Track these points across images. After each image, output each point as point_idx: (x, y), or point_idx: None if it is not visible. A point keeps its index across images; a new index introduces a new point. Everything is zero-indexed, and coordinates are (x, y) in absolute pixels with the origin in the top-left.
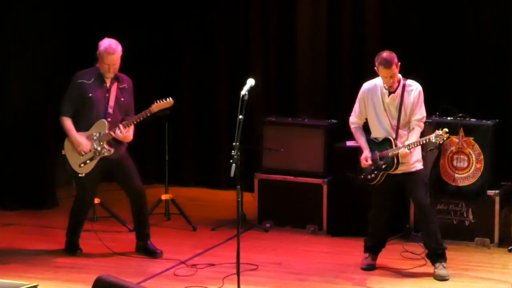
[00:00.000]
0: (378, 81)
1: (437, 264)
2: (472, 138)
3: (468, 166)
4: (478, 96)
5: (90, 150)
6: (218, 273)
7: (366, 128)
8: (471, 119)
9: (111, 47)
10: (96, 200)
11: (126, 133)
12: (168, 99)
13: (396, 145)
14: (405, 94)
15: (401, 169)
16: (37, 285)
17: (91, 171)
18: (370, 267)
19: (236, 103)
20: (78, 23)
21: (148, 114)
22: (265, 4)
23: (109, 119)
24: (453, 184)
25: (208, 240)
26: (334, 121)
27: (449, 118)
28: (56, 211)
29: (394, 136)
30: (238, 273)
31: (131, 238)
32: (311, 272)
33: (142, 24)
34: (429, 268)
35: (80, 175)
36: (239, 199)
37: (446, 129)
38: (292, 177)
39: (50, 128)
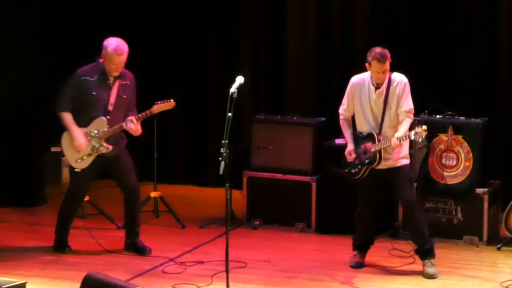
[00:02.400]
0: (366, 76)
1: (426, 261)
2: (461, 136)
3: (457, 164)
4: (467, 94)
5: (88, 147)
6: (206, 270)
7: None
8: (460, 117)
9: (119, 48)
10: (85, 198)
11: (137, 130)
12: (169, 100)
13: (379, 140)
14: (391, 87)
15: (386, 164)
16: (26, 282)
17: (87, 167)
18: (358, 265)
19: (225, 100)
20: (66, 20)
21: (149, 115)
22: (254, 1)
23: (108, 117)
24: (442, 182)
25: (196, 238)
26: (323, 119)
27: (438, 116)
28: (45, 208)
29: (377, 131)
30: (227, 271)
31: (119, 235)
32: (300, 270)
33: (129, 22)
34: (418, 266)
35: (76, 170)
36: (228, 197)
37: (425, 127)
38: (281, 175)
39: (39, 125)
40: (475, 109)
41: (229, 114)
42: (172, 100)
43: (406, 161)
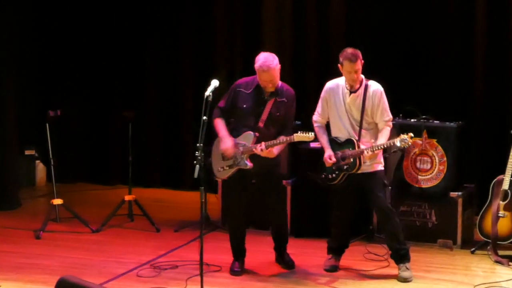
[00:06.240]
0: (340, 81)
1: (401, 265)
2: (436, 140)
3: (431, 168)
4: (442, 98)
5: (231, 157)
6: (181, 274)
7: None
8: (435, 121)
9: (265, 65)
10: (59, 201)
11: (267, 153)
12: (310, 134)
13: (359, 146)
14: (367, 94)
15: (361, 169)
16: (0, 286)
17: (235, 179)
18: (333, 268)
19: (201, 104)
20: (45, 22)
21: (288, 142)
22: (230, 4)
23: (257, 134)
24: (416, 185)
25: (171, 241)
26: (298, 122)
27: (412, 120)
28: (19, 212)
29: (356, 137)
30: (201, 274)
31: (93, 239)
32: (274, 273)
33: (105, 24)
34: (392, 270)
35: (216, 178)
36: (203, 200)
37: (412, 134)
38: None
39: (13, 128)
40: (450, 113)
41: (204, 117)
42: (312, 134)
43: (381, 166)
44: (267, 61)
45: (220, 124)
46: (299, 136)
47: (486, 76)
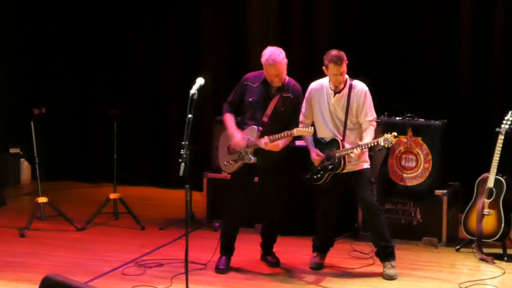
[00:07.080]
0: (324, 81)
1: (386, 263)
2: (421, 138)
3: (416, 166)
4: (427, 96)
5: (237, 152)
6: (166, 272)
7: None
8: (420, 119)
9: (271, 58)
10: (44, 199)
11: (272, 147)
12: (310, 128)
13: (343, 146)
14: (352, 94)
15: (347, 168)
16: None
17: (239, 175)
18: (318, 266)
19: (186, 102)
20: (30, 20)
21: (289, 136)
22: (216, 3)
23: (260, 128)
24: (401, 183)
25: (156, 239)
26: None
27: (397, 118)
28: (4, 210)
29: (340, 137)
30: (186, 273)
31: (78, 237)
32: (260, 271)
33: (91, 22)
34: (378, 268)
35: (223, 172)
36: (188, 198)
37: (395, 133)
38: None
39: None
40: (435, 111)
41: (189, 115)
42: (311, 129)
43: (367, 165)
44: (273, 55)
45: (228, 119)
46: (300, 130)
47: (471, 74)
